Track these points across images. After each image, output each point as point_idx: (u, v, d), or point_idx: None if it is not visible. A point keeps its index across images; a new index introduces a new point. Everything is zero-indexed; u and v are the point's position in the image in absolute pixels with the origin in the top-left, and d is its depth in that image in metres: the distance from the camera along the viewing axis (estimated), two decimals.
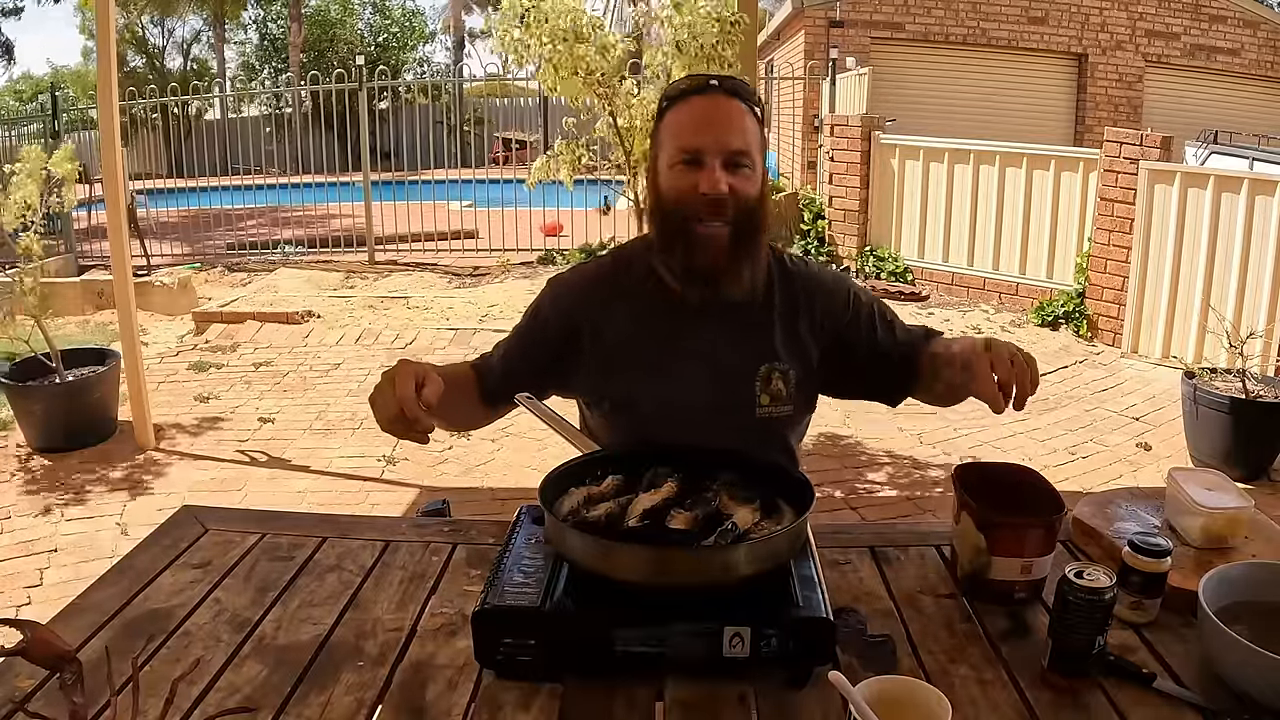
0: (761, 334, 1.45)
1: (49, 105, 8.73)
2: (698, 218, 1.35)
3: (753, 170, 1.37)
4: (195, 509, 1.52)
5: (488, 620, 1.05)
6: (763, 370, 1.44)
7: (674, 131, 1.39)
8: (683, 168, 1.36)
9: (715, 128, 1.35)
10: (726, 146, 1.34)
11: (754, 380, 1.44)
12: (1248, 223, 4.81)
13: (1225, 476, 1.37)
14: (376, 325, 5.95)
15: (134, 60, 19.88)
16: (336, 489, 3.67)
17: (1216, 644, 1.02)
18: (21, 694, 1.00)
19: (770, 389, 1.44)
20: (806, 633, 1.03)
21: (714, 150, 1.34)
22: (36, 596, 2.88)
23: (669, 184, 1.38)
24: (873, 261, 7.01)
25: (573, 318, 1.47)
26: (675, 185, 1.37)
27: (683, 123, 1.38)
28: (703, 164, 1.34)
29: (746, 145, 1.36)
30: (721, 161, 1.34)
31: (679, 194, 1.36)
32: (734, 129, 1.35)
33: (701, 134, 1.35)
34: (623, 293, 1.46)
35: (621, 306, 1.45)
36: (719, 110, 1.36)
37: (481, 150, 12.17)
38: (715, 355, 1.43)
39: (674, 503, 1.16)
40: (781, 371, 1.44)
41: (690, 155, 1.35)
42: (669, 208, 1.38)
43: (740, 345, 1.43)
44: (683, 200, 1.36)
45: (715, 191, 1.33)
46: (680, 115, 1.39)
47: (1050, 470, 3.71)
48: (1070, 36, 11.25)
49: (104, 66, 3.68)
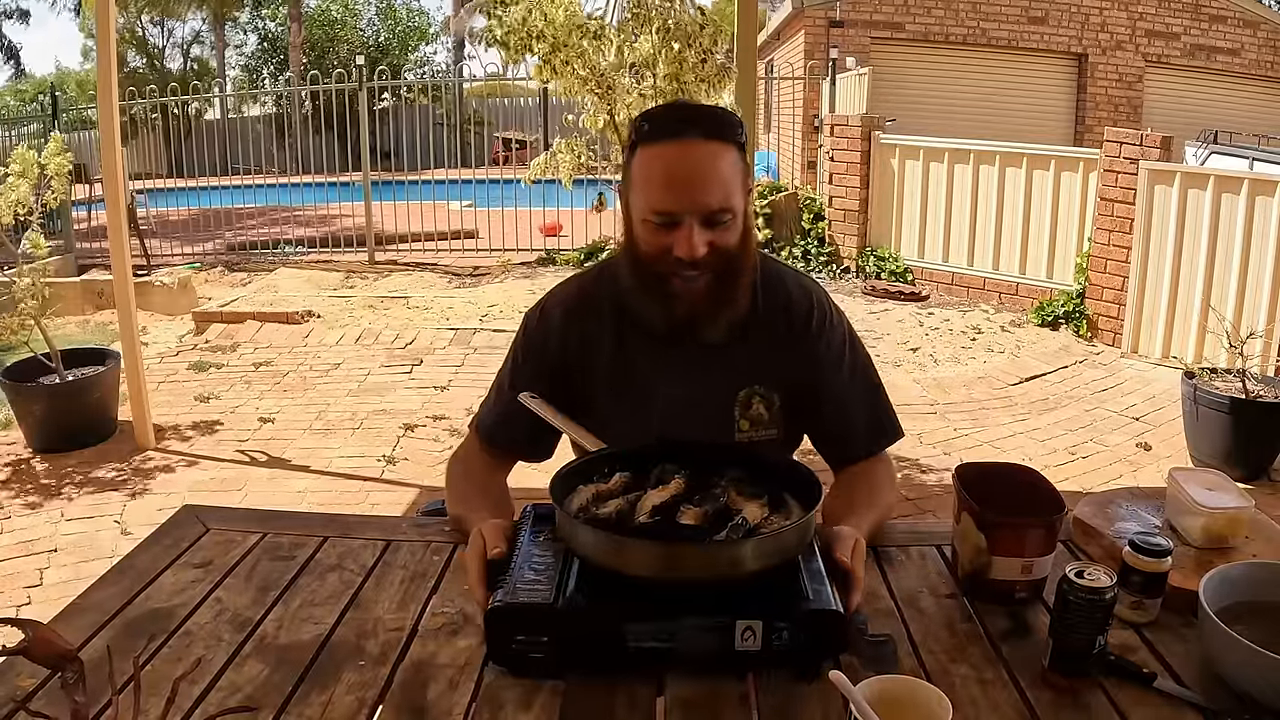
0: (741, 358, 1.41)
1: (49, 105, 8.73)
2: (674, 272, 1.29)
3: (734, 220, 1.29)
4: (196, 508, 1.52)
5: (501, 618, 1.05)
6: (742, 395, 1.41)
7: (646, 183, 1.29)
8: (658, 227, 1.28)
9: (692, 187, 1.25)
10: (704, 207, 1.26)
11: (733, 406, 1.41)
12: (1248, 223, 4.81)
13: (1225, 476, 1.37)
14: (376, 325, 5.95)
15: (134, 60, 19.88)
16: (336, 489, 3.67)
17: (1216, 644, 1.02)
18: (23, 693, 1.00)
19: (750, 414, 1.41)
20: (818, 626, 1.04)
21: (691, 211, 1.26)
22: (36, 596, 2.88)
23: (643, 238, 1.31)
24: (873, 261, 7.01)
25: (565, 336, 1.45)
26: (650, 241, 1.30)
27: (655, 177, 1.27)
28: (679, 224, 1.26)
29: (726, 199, 1.27)
30: (700, 221, 1.26)
31: (654, 252, 1.30)
32: (712, 184, 1.26)
33: (677, 195, 1.26)
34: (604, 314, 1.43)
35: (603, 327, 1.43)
36: (695, 165, 1.26)
37: (481, 150, 12.17)
38: (693, 381, 1.40)
39: (683, 499, 1.16)
40: (763, 395, 1.42)
41: (664, 218, 1.27)
42: (644, 260, 1.32)
43: (719, 370, 1.41)
44: (658, 259, 1.29)
45: (693, 257, 1.26)
46: (653, 166, 1.28)
47: (1050, 470, 3.71)
48: (1070, 36, 11.26)
49: (104, 66, 3.68)
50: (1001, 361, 5.33)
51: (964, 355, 5.45)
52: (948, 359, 5.34)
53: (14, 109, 17.35)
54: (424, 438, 4.16)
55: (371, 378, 5.01)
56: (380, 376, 5.01)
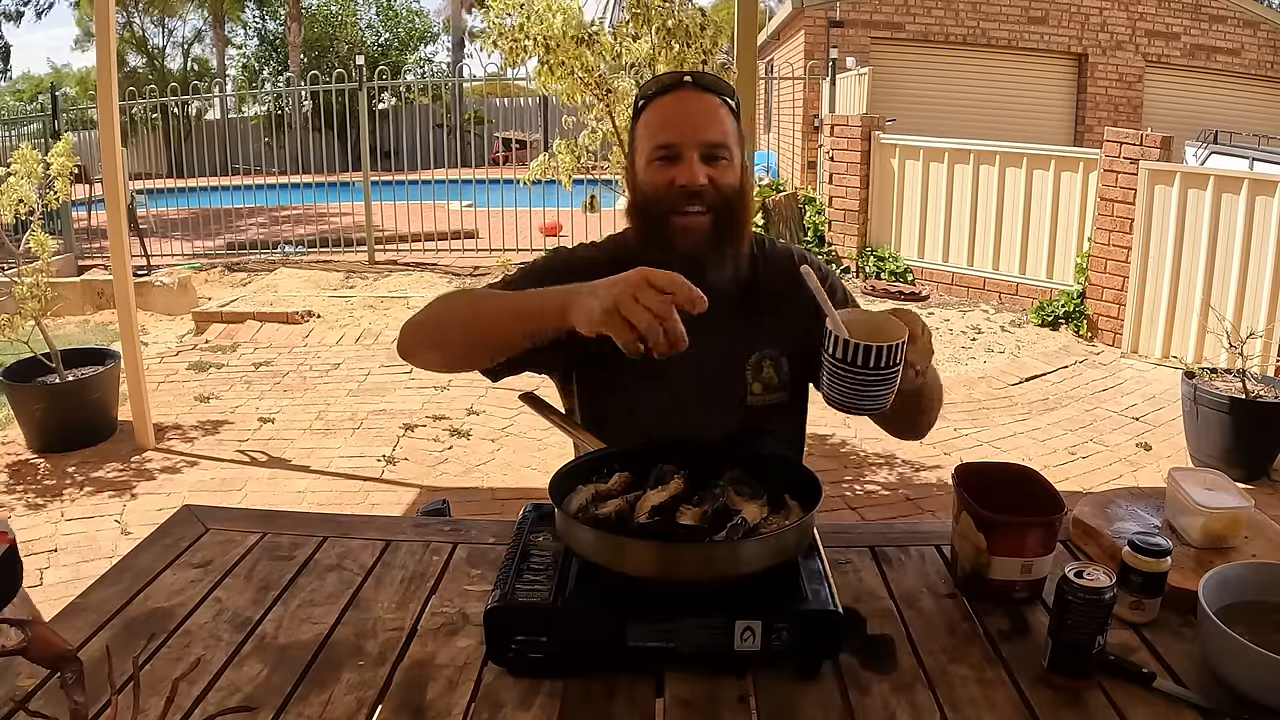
0: (751, 322, 1.45)
1: (49, 105, 8.73)
2: (676, 209, 1.35)
3: (730, 162, 1.37)
4: (196, 508, 1.52)
5: (500, 618, 1.06)
6: (753, 358, 1.44)
7: (650, 129, 1.39)
8: (660, 163, 1.37)
9: (691, 122, 1.36)
10: (703, 139, 1.35)
11: (744, 369, 1.44)
12: (1248, 223, 4.81)
13: (1225, 476, 1.37)
14: (376, 325, 5.95)
15: (134, 60, 19.89)
16: (336, 489, 3.67)
17: (1216, 644, 1.02)
18: (22, 693, 1.00)
19: (762, 377, 1.44)
20: (817, 625, 1.04)
21: (690, 143, 1.35)
22: (36, 596, 2.86)
23: (647, 179, 1.39)
24: (873, 261, 7.01)
25: None
26: (653, 180, 1.38)
27: (658, 120, 1.39)
28: (680, 158, 1.35)
29: (723, 137, 1.37)
30: (699, 154, 1.35)
31: (657, 189, 1.37)
32: (710, 122, 1.37)
33: (677, 129, 1.36)
34: None
35: None
36: (694, 105, 1.37)
37: (481, 150, 12.18)
38: (704, 345, 1.41)
39: (682, 499, 1.16)
40: (773, 359, 1.44)
41: (667, 151, 1.36)
42: (648, 203, 1.39)
43: (729, 334, 1.43)
44: (661, 194, 1.36)
45: (693, 183, 1.34)
46: (655, 113, 1.40)
47: (1050, 470, 3.71)
48: (1070, 36, 11.26)
49: (104, 66, 3.68)
50: (1001, 361, 5.34)
51: (964, 355, 5.45)
52: (948, 359, 5.34)
53: (14, 109, 17.36)
54: (424, 438, 4.17)
55: (371, 378, 5.01)
56: (380, 376, 5.01)
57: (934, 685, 1.04)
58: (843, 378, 1.10)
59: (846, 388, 1.10)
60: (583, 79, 3.42)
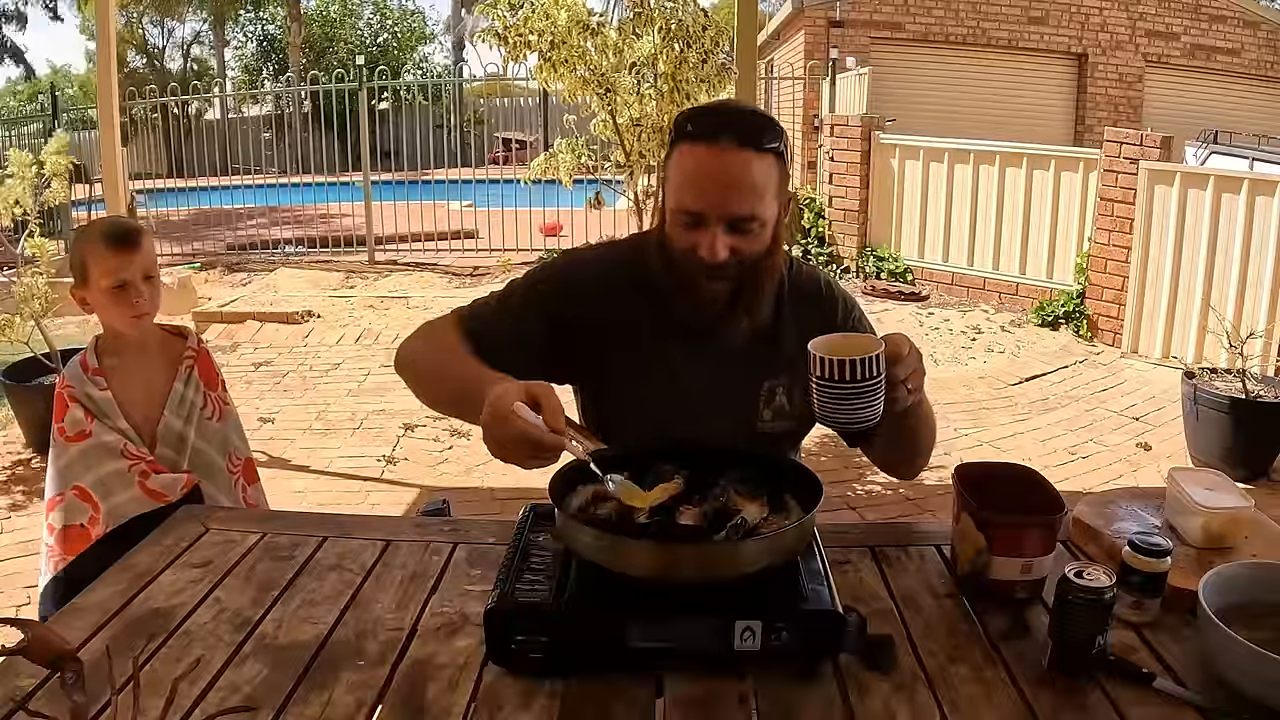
0: (769, 350, 1.43)
1: (49, 105, 8.73)
2: (699, 276, 1.32)
3: (762, 227, 1.30)
4: (196, 508, 1.52)
5: (500, 618, 1.06)
6: (766, 387, 1.43)
7: (679, 181, 1.31)
8: (684, 227, 1.31)
9: (721, 191, 1.27)
10: (730, 213, 1.28)
11: (758, 397, 1.43)
12: (1248, 223, 4.81)
13: (1225, 476, 1.37)
14: (376, 325, 5.94)
15: (134, 60, 19.89)
16: (336, 489, 3.66)
17: (1216, 644, 1.02)
18: (22, 693, 1.00)
19: (773, 405, 1.43)
20: (816, 625, 1.05)
21: (715, 216, 1.28)
22: (36, 597, 2.87)
23: (673, 232, 1.34)
24: (873, 261, 7.01)
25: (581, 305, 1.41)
26: (678, 238, 1.33)
27: (689, 175, 1.30)
28: (704, 226, 1.29)
29: (753, 209, 1.28)
30: (724, 227, 1.28)
31: (682, 250, 1.32)
32: (741, 190, 1.27)
33: (705, 196, 1.28)
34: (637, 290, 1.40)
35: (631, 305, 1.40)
36: (726, 170, 1.27)
37: (481, 150, 12.17)
38: (719, 371, 1.41)
39: (681, 499, 1.16)
40: (786, 388, 1.43)
41: (690, 217, 1.30)
42: (674, 255, 1.35)
43: (747, 359, 1.42)
44: (685, 256, 1.32)
45: (714, 260, 1.29)
46: (688, 161, 1.30)
47: (1050, 470, 3.71)
48: (1070, 36, 11.25)
49: (104, 67, 3.68)
50: (1001, 361, 5.33)
51: (964, 355, 5.44)
52: (948, 359, 5.34)
53: (14, 109, 17.36)
54: (424, 438, 4.16)
55: (371, 378, 5.01)
56: (380, 376, 5.01)
57: (934, 685, 1.04)
58: (826, 394, 1.16)
59: (831, 404, 1.16)
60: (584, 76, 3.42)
